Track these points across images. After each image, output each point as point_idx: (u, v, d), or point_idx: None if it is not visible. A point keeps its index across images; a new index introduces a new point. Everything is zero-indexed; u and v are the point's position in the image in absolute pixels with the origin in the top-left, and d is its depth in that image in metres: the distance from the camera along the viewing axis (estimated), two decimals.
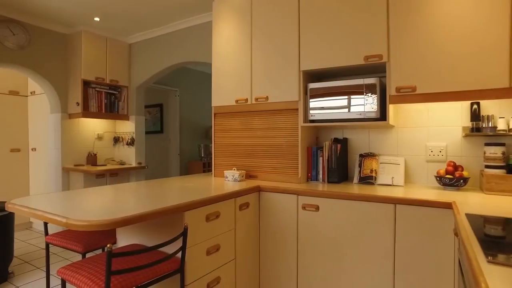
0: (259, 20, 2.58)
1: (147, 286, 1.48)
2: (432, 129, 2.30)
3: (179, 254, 1.65)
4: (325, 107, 2.32)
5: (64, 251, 3.60)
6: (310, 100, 2.38)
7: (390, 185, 2.25)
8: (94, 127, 4.31)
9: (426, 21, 1.98)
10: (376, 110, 2.14)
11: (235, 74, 2.71)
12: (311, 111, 2.38)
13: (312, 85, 2.38)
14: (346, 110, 2.24)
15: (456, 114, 2.23)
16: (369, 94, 2.16)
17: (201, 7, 3.39)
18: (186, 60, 3.81)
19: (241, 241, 2.16)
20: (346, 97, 2.24)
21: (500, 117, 2.06)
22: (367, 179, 2.32)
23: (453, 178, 2.02)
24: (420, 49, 2.00)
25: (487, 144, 2.01)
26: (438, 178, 2.08)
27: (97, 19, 3.67)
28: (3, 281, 2.87)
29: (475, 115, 2.08)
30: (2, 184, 4.34)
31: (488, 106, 2.13)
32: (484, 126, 2.06)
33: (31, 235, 4.32)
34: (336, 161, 2.36)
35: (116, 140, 4.51)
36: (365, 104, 2.18)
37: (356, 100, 2.21)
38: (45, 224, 2.06)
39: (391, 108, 2.19)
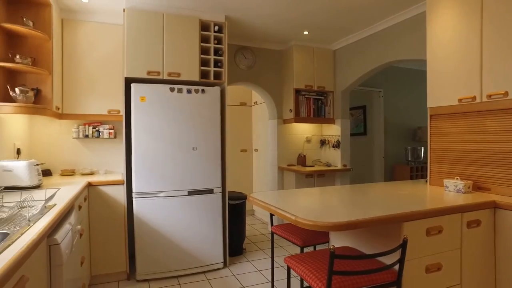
0: None
1: None
2: None
3: (396, 266, 1.58)
4: None
5: (280, 240, 4.14)
6: None
7: None
8: (303, 130, 4.76)
9: None
10: None
11: (456, 68, 2.33)
12: None
13: None
14: None
15: None
16: None
17: (408, 1, 3.12)
18: (392, 59, 3.60)
19: (469, 265, 1.84)
20: None
21: None
22: None
23: None
24: None
25: None
26: None
27: (305, 32, 4.03)
28: (239, 254, 3.62)
29: None
30: (235, 177, 5.47)
31: None
32: None
33: (254, 221, 5.22)
34: None
35: (323, 142, 4.80)
36: None
37: None
38: (271, 216, 2.42)
39: None
